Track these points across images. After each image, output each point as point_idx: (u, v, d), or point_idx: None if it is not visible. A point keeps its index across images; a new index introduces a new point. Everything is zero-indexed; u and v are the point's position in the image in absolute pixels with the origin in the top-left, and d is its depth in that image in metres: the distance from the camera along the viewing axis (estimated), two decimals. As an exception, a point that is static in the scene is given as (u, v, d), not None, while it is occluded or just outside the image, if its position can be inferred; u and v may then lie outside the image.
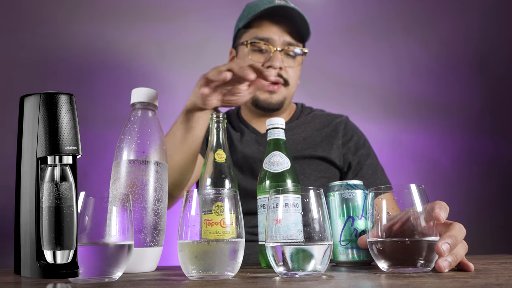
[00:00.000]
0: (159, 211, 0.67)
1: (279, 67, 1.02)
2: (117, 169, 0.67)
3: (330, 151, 1.06)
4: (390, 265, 0.52)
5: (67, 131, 0.49)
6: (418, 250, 0.50)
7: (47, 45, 1.57)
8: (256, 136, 1.10)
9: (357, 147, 1.09)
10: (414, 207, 0.52)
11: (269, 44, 1.03)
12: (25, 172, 0.51)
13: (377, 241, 0.53)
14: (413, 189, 0.53)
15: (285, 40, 1.05)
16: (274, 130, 0.71)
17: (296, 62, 1.08)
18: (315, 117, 1.14)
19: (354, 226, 0.64)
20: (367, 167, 1.06)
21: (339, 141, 1.08)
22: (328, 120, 1.13)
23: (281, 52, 1.03)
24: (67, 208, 0.48)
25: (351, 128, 1.13)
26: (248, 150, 1.07)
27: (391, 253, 0.52)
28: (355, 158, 1.07)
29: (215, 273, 0.50)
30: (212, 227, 0.51)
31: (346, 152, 1.08)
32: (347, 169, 1.08)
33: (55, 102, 0.49)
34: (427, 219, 0.52)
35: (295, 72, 1.08)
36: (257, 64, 0.88)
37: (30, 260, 0.49)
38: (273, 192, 0.54)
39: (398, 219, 0.54)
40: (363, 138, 1.12)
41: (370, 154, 1.09)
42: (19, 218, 0.51)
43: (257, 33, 1.05)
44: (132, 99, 0.71)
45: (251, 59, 1.04)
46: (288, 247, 0.50)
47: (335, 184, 0.68)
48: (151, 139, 0.68)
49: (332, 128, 1.11)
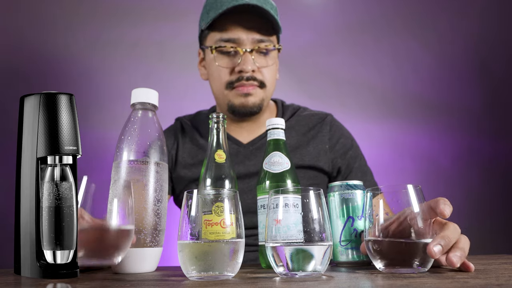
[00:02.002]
0: (159, 211, 0.67)
1: (252, 70, 0.95)
2: (117, 169, 0.67)
3: (318, 158, 1.02)
4: (386, 265, 0.52)
5: (67, 131, 0.49)
6: (414, 251, 0.50)
7: (47, 45, 1.57)
8: (238, 147, 1.03)
9: (344, 150, 1.05)
10: (411, 207, 0.52)
11: (237, 46, 0.95)
12: (25, 172, 0.51)
13: (374, 241, 0.53)
14: (410, 189, 0.53)
15: (254, 38, 0.95)
16: (274, 131, 0.71)
17: (271, 59, 0.99)
18: (299, 121, 1.07)
19: (354, 226, 0.64)
20: (356, 169, 1.04)
21: (326, 145, 1.04)
22: (313, 122, 1.07)
23: (251, 53, 0.95)
24: (67, 208, 0.48)
25: (337, 129, 1.08)
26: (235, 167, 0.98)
27: (387, 253, 0.52)
28: (344, 161, 1.04)
29: (215, 273, 0.50)
30: (212, 228, 0.51)
31: (335, 157, 1.04)
32: (336, 173, 1.05)
33: (55, 102, 0.49)
34: (424, 218, 0.52)
35: (271, 70, 1.00)
36: None
37: (30, 260, 0.49)
38: (273, 192, 0.54)
39: (395, 218, 0.54)
40: (350, 139, 1.08)
41: (358, 156, 1.07)
42: (19, 218, 0.51)
43: (222, 35, 0.96)
44: (132, 99, 0.71)
45: (218, 66, 0.97)
46: (288, 247, 0.50)
47: (335, 184, 0.68)
48: (151, 140, 0.68)
49: (318, 130, 1.06)
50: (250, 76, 0.95)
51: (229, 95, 0.98)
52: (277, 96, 1.17)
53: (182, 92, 1.62)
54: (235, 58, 0.96)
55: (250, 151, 1.03)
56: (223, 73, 0.97)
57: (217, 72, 0.98)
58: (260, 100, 0.99)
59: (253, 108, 0.99)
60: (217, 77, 0.99)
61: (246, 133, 1.06)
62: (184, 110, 1.22)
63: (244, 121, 1.04)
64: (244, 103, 0.98)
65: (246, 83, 0.96)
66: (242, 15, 0.94)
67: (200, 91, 1.38)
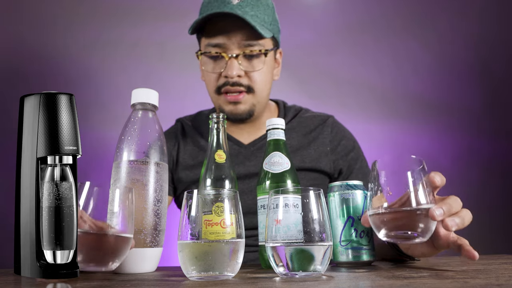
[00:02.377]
0: (159, 211, 0.67)
1: (237, 75, 0.93)
2: (117, 169, 0.67)
3: (319, 160, 1.02)
4: (388, 232, 0.54)
5: (67, 131, 0.49)
6: (415, 218, 0.52)
7: (47, 45, 1.57)
8: (239, 148, 1.04)
9: (346, 151, 1.05)
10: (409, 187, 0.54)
11: (223, 51, 0.94)
12: (25, 172, 0.51)
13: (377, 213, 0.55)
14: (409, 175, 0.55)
15: (241, 43, 0.93)
16: (274, 131, 0.71)
17: (260, 63, 0.96)
18: (300, 122, 1.07)
19: (354, 226, 0.64)
20: (357, 171, 1.04)
21: (327, 147, 1.03)
22: (315, 124, 1.07)
23: (237, 58, 0.93)
24: (67, 208, 0.48)
25: (339, 130, 1.08)
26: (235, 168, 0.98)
27: (390, 221, 0.54)
28: (345, 163, 1.04)
29: (215, 273, 0.50)
30: (212, 228, 0.51)
31: (336, 158, 1.04)
32: (338, 174, 1.05)
33: (55, 102, 0.49)
34: (424, 187, 0.53)
35: (261, 74, 0.96)
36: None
37: (30, 260, 0.49)
38: (273, 192, 0.54)
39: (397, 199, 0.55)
40: (352, 140, 1.08)
41: (360, 157, 1.07)
42: (19, 218, 0.51)
43: (210, 40, 0.95)
44: (132, 99, 0.71)
45: (204, 70, 0.98)
46: (288, 247, 0.50)
47: (335, 184, 0.68)
48: (151, 140, 0.68)
49: (319, 132, 1.06)
50: (235, 82, 0.94)
51: (219, 100, 0.99)
52: (277, 96, 1.17)
53: (182, 92, 1.62)
54: (222, 63, 0.95)
55: (251, 151, 1.03)
56: (211, 78, 0.98)
57: (207, 76, 0.99)
58: (250, 106, 0.98)
59: (243, 115, 0.98)
60: (208, 81, 1.00)
61: (247, 134, 1.06)
62: (184, 110, 1.22)
63: (244, 123, 1.04)
64: (234, 111, 0.97)
65: (232, 88, 0.95)
66: (226, 21, 0.92)
67: (200, 91, 1.37)
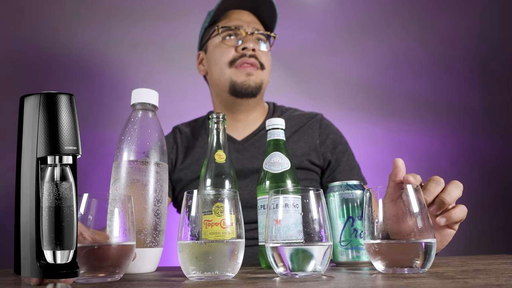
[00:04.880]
0: (159, 211, 0.67)
1: (253, 48, 1.03)
2: (117, 169, 0.67)
3: (309, 153, 1.06)
4: (386, 265, 0.52)
5: (67, 131, 0.49)
6: (414, 251, 0.50)
7: (47, 45, 1.57)
8: (233, 144, 1.07)
9: (334, 145, 1.09)
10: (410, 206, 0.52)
11: (240, 29, 1.05)
12: (25, 172, 0.50)
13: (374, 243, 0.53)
14: (409, 189, 0.53)
15: (254, 27, 1.07)
16: (274, 131, 0.71)
17: (267, 48, 1.09)
18: (289, 119, 1.10)
19: (354, 226, 0.64)
20: (344, 163, 1.07)
21: (316, 141, 1.08)
22: (303, 120, 1.11)
23: (252, 35, 1.05)
24: (67, 208, 0.48)
25: (326, 126, 1.12)
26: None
27: (387, 254, 0.52)
28: (333, 156, 1.08)
29: (215, 273, 0.50)
30: (212, 228, 0.51)
31: (325, 151, 1.08)
32: (326, 167, 1.08)
33: (55, 102, 0.49)
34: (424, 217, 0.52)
35: (268, 57, 1.09)
36: None
37: (30, 260, 0.49)
38: (273, 192, 0.54)
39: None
40: (339, 135, 1.12)
41: (347, 151, 1.10)
42: (19, 218, 0.51)
43: (226, 23, 1.07)
44: (132, 99, 0.71)
45: (224, 43, 1.05)
46: (288, 247, 0.50)
47: (335, 184, 0.68)
48: (151, 140, 0.68)
49: (308, 127, 1.10)
50: (252, 54, 1.03)
51: (232, 73, 1.03)
52: (278, 96, 1.18)
53: (182, 93, 1.62)
54: (238, 39, 1.06)
55: (244, 147, 1.06)
56: (227, 52, 1.04)
57: (220, 54, 1.05)
58: (260, 81, 1.05)
59: (254, 88, 1.04)
60: (220, 58, 1.05)
61: (240, 130, 1.09)
62: (184, 110, 1.22)
63: (238, 113, 1.08)
64: (246, 82, 1.03)
65: (249, 60, 1.02)
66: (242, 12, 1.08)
67: (200, 91, 1.38)
